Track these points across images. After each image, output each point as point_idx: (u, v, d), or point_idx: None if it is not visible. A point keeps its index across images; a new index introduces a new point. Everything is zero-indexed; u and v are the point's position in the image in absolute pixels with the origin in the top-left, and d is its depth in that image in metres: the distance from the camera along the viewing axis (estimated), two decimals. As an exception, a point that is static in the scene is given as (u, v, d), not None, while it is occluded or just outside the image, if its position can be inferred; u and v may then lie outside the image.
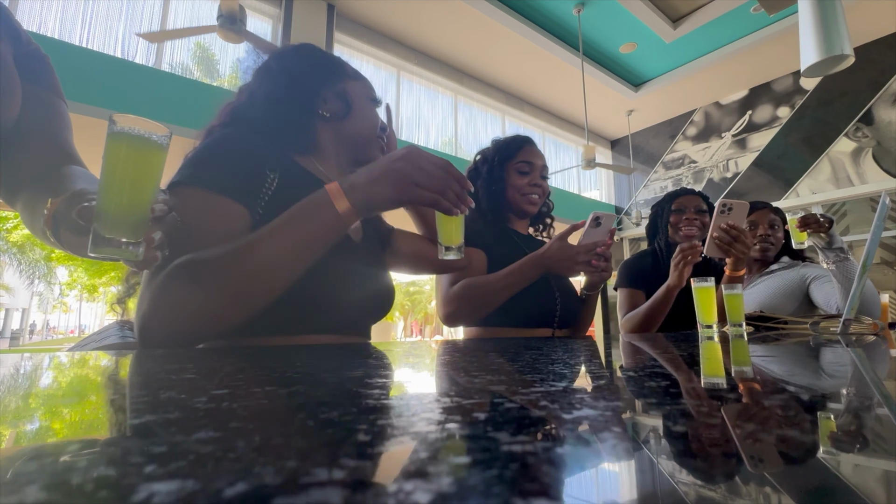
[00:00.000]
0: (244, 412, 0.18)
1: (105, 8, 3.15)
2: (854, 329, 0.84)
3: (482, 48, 4.55)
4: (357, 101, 0.74)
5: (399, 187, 0.52)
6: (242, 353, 0.45)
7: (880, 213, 0.78)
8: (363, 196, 0.52)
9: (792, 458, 0.14)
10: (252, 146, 0.61)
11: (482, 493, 0.10)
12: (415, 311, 21.26)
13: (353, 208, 0.51)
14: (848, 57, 1.24)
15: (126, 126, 0.42)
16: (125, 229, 0.41)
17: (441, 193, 0.54)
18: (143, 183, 0.43)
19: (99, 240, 0.41)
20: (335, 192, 0.51)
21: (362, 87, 0.76)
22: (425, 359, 0.43)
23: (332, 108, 0.72)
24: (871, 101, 4.32)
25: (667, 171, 5.95)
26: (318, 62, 0.74)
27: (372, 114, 0.76)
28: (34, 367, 0.36)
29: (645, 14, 3.99)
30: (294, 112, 0.68)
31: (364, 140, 0.75)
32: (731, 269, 1.14)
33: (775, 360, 0.43)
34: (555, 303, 1.04)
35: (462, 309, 0.97)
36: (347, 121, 0.72)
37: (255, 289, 0.49)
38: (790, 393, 0.26)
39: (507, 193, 1.13)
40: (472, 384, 0.27)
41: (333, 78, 0.73)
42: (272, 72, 0.71)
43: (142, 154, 0.43)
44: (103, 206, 0.41)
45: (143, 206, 0.43)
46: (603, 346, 0.63)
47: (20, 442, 0.16)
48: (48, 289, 13.58)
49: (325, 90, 0.72)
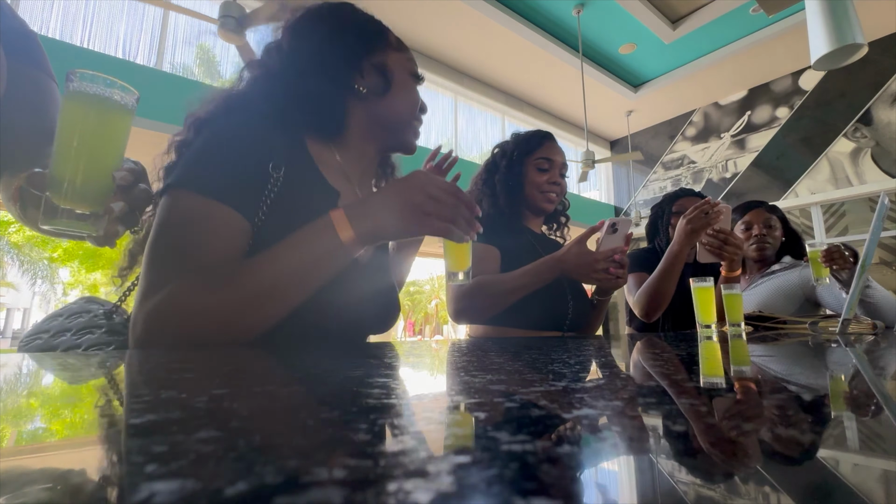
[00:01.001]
0: (245, 411, 0.18)
1: (106, 9, 3.16)
2: (853, 329, 0.84)
3: (482, 48, 4.56)
4: (398, 77, 0.64)
5: (409, 218, 0.49)
6: (242, 353, 0.45)
7: (879, 213, 0.78)
8: (370, 226, 0.49)
9: (791, 458, 0.14)
10: (256, 140, 0.54)
11: (483, 492, 0.10)
12: (415, 311, 21.25)
13: (357, 238, 0.48)
14: (861, 46, 1.16)
15: (86, 84, 0.37)
16: (81, 199, 0.37)
17: (452, 222, 0.50)
18: (104, 148, 0.38)
19: (51, 209, 0.36)
20: (339, 219, 0.48)
21: (405, 60, 0.66)
22: (425, 358, 0.43)
23: (369, 84, 0.62)
24: (870, 101, 4.33)
25: (666, 172, 5.96)
26: (359, 26, 0.63)
27: (413, 92, 0.67)
28: (35, 367, 0.36)
29: (644, 15, 4.00)
30: (325, 85, 0.59)
31: (401, 123, 0.66)
32: (726, 270, 1.14)
33: (774, 360, 0.43)
34: (567, 306, 1.02)
35: (472, 307, 0.96)
36: (385, 99, 0.63)
37: (258, 315, 0.46)
38: (789, 393, 0.26)
39: (525, 190, 1.10)
40: (473, 384, 0.27)
41: (375, 46, 0.63)
42: (304, 32, 0.61)
43: (103, 115, 0.38)
44: (57, 172, 0.36)
45: (103, 174, 0.38)
46: (604, 345, 0.63)
47: (21, 441, 0.16)
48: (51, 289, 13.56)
49: (364, 61, 0.62)
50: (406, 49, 0.68)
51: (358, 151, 0.66)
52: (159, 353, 0.44)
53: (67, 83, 0.38)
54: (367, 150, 0.67)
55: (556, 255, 0.92)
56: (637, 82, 5.29)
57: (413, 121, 0.67)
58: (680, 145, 5.86)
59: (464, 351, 0.49)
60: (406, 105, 0.65)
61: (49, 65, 0.60)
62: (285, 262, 0.47)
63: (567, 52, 4.48)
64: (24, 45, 0.57)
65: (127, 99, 0.39)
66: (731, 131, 5.37)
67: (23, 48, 0.56)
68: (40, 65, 0.58)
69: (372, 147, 0.67)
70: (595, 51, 4.65)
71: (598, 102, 5.41)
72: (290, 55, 0.60)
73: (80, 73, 0.37)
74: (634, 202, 6.22)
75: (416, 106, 0.67)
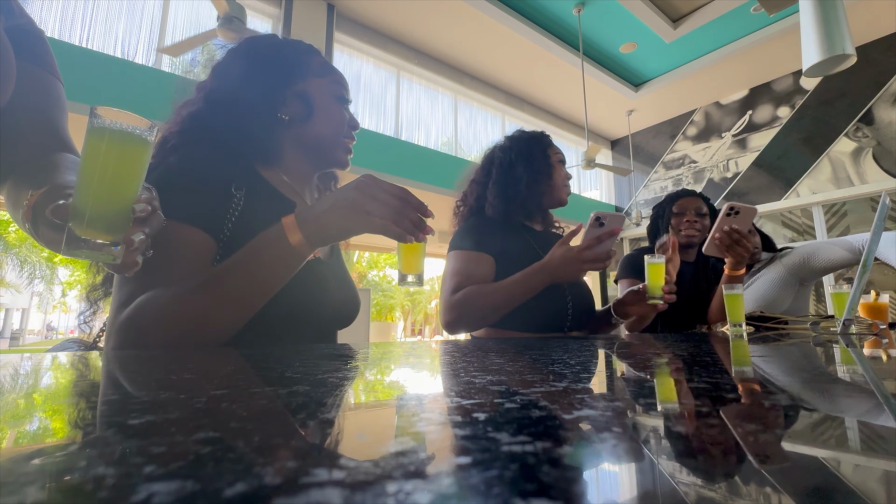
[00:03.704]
0: (244, 412, 0.18)
1: (105, 8, 3.15)
2: (854, 329, 0.84)
3: (482, 48, 4.55)
4: (319, 102, 0.69)
5: (350, 217, 0.52)
6: (242, 353, 0.45)
7: (880, 213, 0.78)
8: (315, 227, 0.52)
9: (791, 458, 0.14)
10: (216, 165, 0.59)
11: (483, 493, 0.10)
12: (415, 311, 21.26)
13: (305, 240, 0.52)
14: (850, 56, 1.24)
15: (108, 120, 0.39)
16: (102, 230, 0.39)
17: (394, 221, 0.52)
18: (124, 181, 0.40)
19: (73, 240, 0.38)
20: (290, 225, 0.52)
21: (328, 84, 0.71)
22: (424, 359, 0.43)
23: (291, 112, 0.67)
24: (871, 101, 4.32)
25: (667, 171, 5.95)
26: (278, 59, 0.68)
27: (336, 114, 0.71)
28: (33, 368, 0.36)
29: (645, 14, 3.99)
30: (253, 118, 0.64)
31: (327, 143, 0.70)
32: (730, 268, 1.14)
33: (772, 360, 0.43)
34: (566, 309, 1.02)
35: (463, 317, 0.96)
36: (308, 124, 0.68)
37: (222, 319, 0.51)
38: (788, 392, 0.26)
39: (553, 182, 1.10)
40: (473, 383, 0.27)
41: (294, 77, 0.68)
42: (229, 71, 0.67)
43: (124, 150, 0.39)
44: (80, 203, 0.38)
45: (123, 206, 0.40)
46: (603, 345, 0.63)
47: (19, 442, 0.16)
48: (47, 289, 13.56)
49: (284, 91, 0.67)
50: (330, 73, 0.72)
51: (298, 172, 0.72)
52: (159, 353, 0.44)
53: (91, 119, 0.39)
54: (304, 169, 0.72)
55: (541, 263, 0.92)
56: (638, 81, 5.29)
57: (339, 140, 0.72)
58: (681, 145, 5.85)
59: (465, 352, 0.49)
60: (329, 127, 0.70)
61: (55, 65, 0.59)
62: (244, 268, 0.51)
63: (567, 52, 4.47)
64: (31, 44, 0.56)
65: (146, 133, 0.41)
66: (732, 131, 5.37)
67: (30, 47, 0.56)
68: (47, 65, 0.58)
69: (308, 166, 0.73)
70: (596, 50, 4.65)
71: (598, 102, 5.40)
72: (218, 93, 0.65)
73: (102, 109, 0.39)
74: (635, 202, 6.22)
75: (341, 126, 0.72)
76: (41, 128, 0.56)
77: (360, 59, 4.36)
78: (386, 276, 19.65)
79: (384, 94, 4.56)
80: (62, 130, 0.58)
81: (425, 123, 4.88)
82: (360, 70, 4.38)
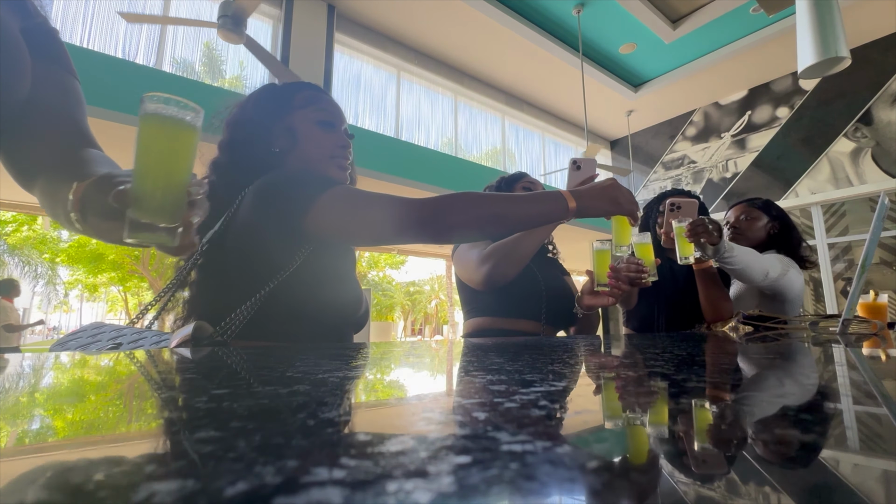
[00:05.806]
0: (244, 412, 0.18)
1: (106, 7, 3.15)
2: (853, 329, 0.84)
3: (482, 48, 4.56)
4: (302, 131, 0.76)
5: (612, 203, 0.73)
6: (242, 353, 0.45)
7: (879, 213, 0.78)
8: (586, 203, 0.71)
9: (791, 457, 0.14)
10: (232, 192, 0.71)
11: (483, 492, 0.10)
12: (415, 310, 21.24)
13: (576, 208, 0.70)
14: (844, 59, 1.27)
15: (159, 107, 0.41)
16: (163, 214, 0.40)
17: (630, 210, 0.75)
18: (179, 165, 0.42)
19: (136, 225, 0.40)
20: (567, 195, 0.70)
21: (310, 113, 0.78)
22: (425, 358, 0.43)
23: (281, 144, 0.76)
24: (870, 101, 4.33)
25: (666, 172, 5.95)
26: (269, 104, 0.78)
27: (319, 138, 0.77)
28: (34, 368, 0.36)
29: (644, 14, 4.00)
30: (253, 156, 0.75)
31: (316, 166, 0.77)
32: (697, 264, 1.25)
33: (772, 360, 0.43)
34: (541, 293, 1.06)
35: (498, 263, 0.98)
36: (295, 152, 0.76)
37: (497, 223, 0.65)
38: (788, 393, 0.26)
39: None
40: (473, 383, 0.27)
41: (280, 113, 0.77)
42: (235, 122, 0.78)
43: (176, 135, 0.41)
44: (139, 190, 0.40)
45: (179, 190, 0.42)
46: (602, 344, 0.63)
47: (21, 442, 0.16)
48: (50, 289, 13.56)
49: (274, 128, 0.76)
50: (314, 102, 0.79)
51: None
52: (159, 353, 0.44)
53: (142, 105, 0.41)
54: None
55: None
56: (637, 82, 5.29)
57: (329, 159, 0.78)
58: (680, 145, 5.85)
59: (465, 352, 0.49)
60: (315, 151, 0.77)
61: (70, 61, 0.59)
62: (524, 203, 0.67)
63: (567, 52, 4.47)
64: (45, 42, 0.56)
65: (195, 118, 0.43)
66: (731, 131, 5.37)
67: (45, 45, 0.56)
68: (63, 62, 0.58)
69: None
70: (595, 50, 4.65)
71: (598, 102, 5.40)
72: (227, 142, 0.77)
73: (154, 97, 0.41)
74: (634, 202, 6.22)
75: (328, 148, 0.78)
76: (65, 125, 0.56)
77: (360, 59, 4.36)
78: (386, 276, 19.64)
79: (384, 95, 4.56)
80: (84, 126, 0.58)
81: (425, 124, 4.88)
82: (360, 70, 4.38)
